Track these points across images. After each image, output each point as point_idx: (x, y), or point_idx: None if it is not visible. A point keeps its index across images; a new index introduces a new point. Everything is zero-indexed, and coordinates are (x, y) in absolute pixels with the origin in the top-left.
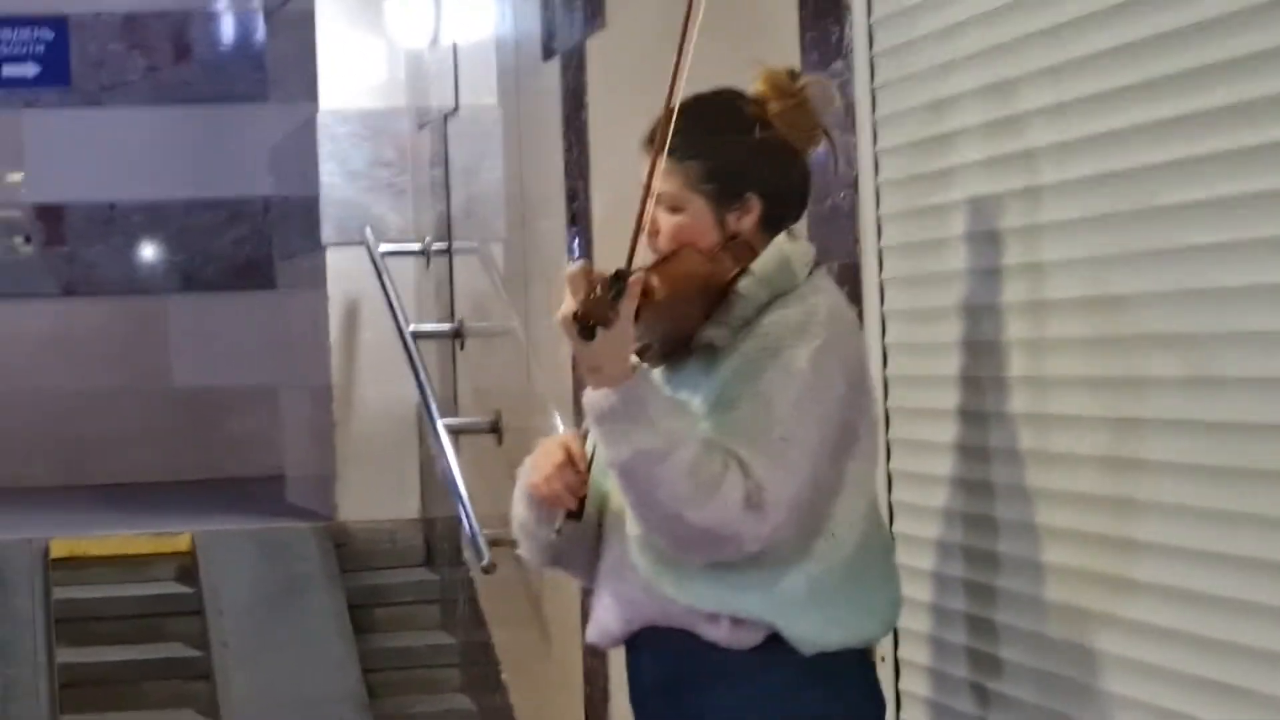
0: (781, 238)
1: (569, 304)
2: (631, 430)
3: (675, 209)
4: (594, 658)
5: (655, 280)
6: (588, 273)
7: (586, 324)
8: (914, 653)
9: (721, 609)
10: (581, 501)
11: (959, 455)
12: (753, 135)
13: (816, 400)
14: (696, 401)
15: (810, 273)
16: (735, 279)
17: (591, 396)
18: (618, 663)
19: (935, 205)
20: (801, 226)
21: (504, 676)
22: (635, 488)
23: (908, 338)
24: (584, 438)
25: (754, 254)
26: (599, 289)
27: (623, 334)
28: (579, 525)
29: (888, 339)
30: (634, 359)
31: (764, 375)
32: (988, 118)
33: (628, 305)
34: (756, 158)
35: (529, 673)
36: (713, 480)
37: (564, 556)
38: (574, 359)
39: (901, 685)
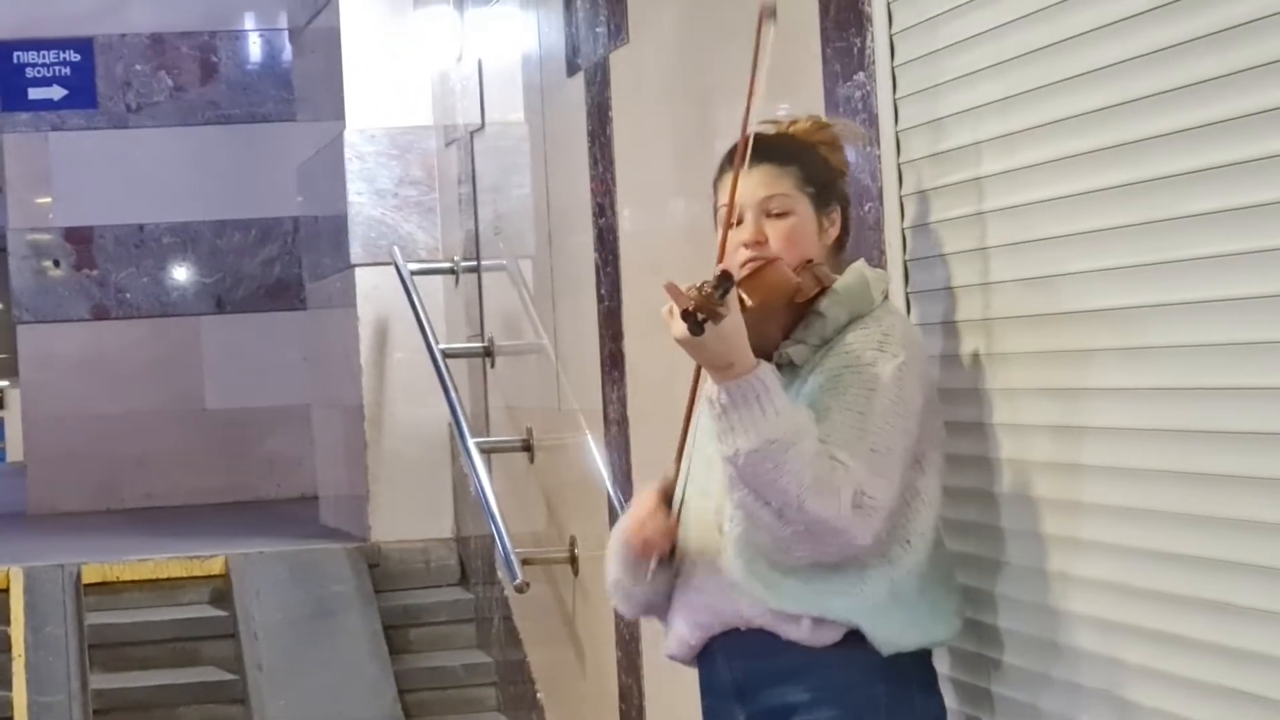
0: (861, 263)
1: (677, 314)
2: (760, 420)
3: (784, 213)
4: (629, 676)
5: (745, 288)
6: (690, 287)
7: (697, 320)
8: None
9: (809, 611)
10: (673, 548)
11: (989, 468)
12: (820, 155)
13: (900, 414)
14: None
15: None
16: (815, 298)
17: (718, 389)
18: (652, 680)
19: (959, 217)
20: None
21: (540, 695)
22: (758, 477)
23: (933, 350)
24: (671, 486)
25: (830, 277)
26: (706, 287)
27: (739, 328)
28: (668, 572)
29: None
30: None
31: (850, 390)
32: (1010, 128)
33: (734, 304)
34: (833, 171)
35: (565, 691)
36: (829, 474)
37: (655, 606)
38: (697, 361)
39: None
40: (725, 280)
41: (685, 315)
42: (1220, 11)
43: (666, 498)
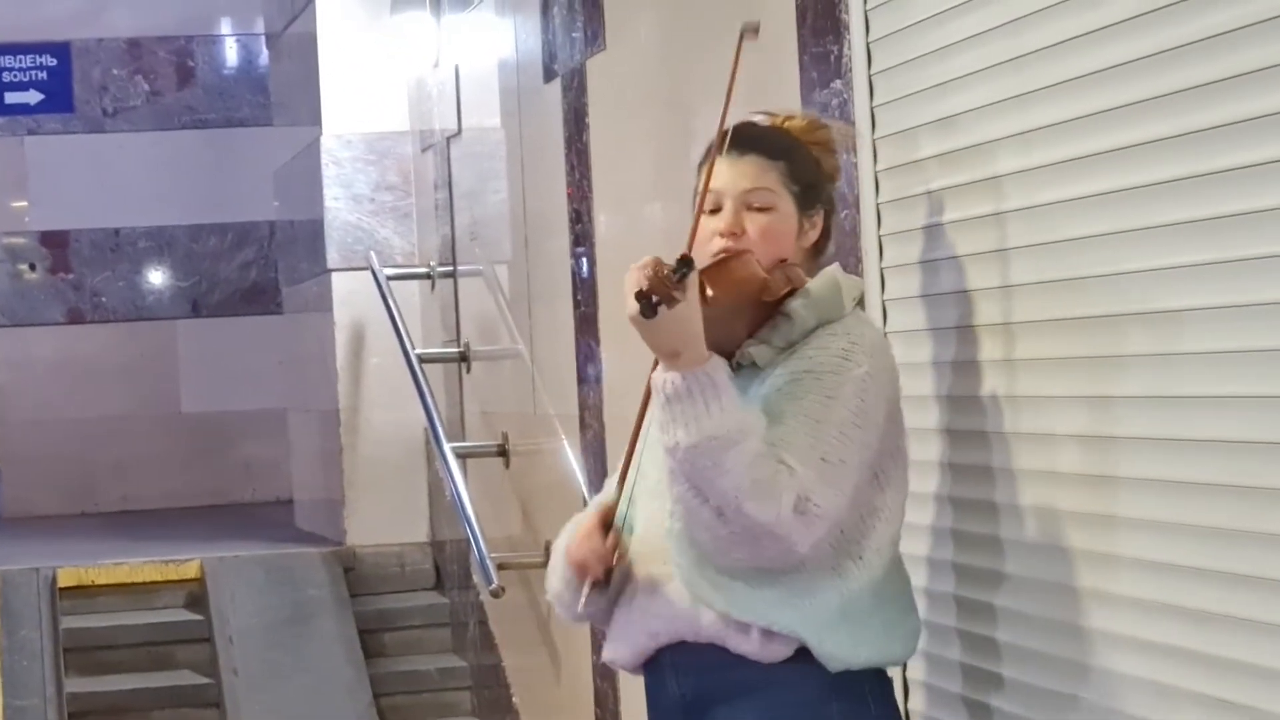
0: (835, 268)
1: (634, 285)
2: (703, 415)
3: (765, 208)
4: (604, 680)
5: (708, 278)
6: (656, 261)
7: (650, 301)
8: (918, 672)
9: (755, 619)
10: (609, 572)
11: (963, 474)
12: (812, 155)
13: (858, 427)
14: None
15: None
16: (784, 299)
17: (663, 377)
18: (628, 685)
19: (936, 224)
20: None
21: (515, 700)
22: (697, 474)
23: (910, 357)
24: (613, 507)
25: (802, 279)
26: (665, 268)
27: (693, 317)
28: (604, 593)
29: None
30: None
31: (809, 396)
32: (987, 136)
33: (692, 291)
34: (822, 173)
35: (540, 696)
36: (771, 477)
37: (596, 616)
38: (647, 345)
39: (910, 705)
40: (684, 265)
41: (639, 296)
42: (1201, 20)
43: (607, 519)
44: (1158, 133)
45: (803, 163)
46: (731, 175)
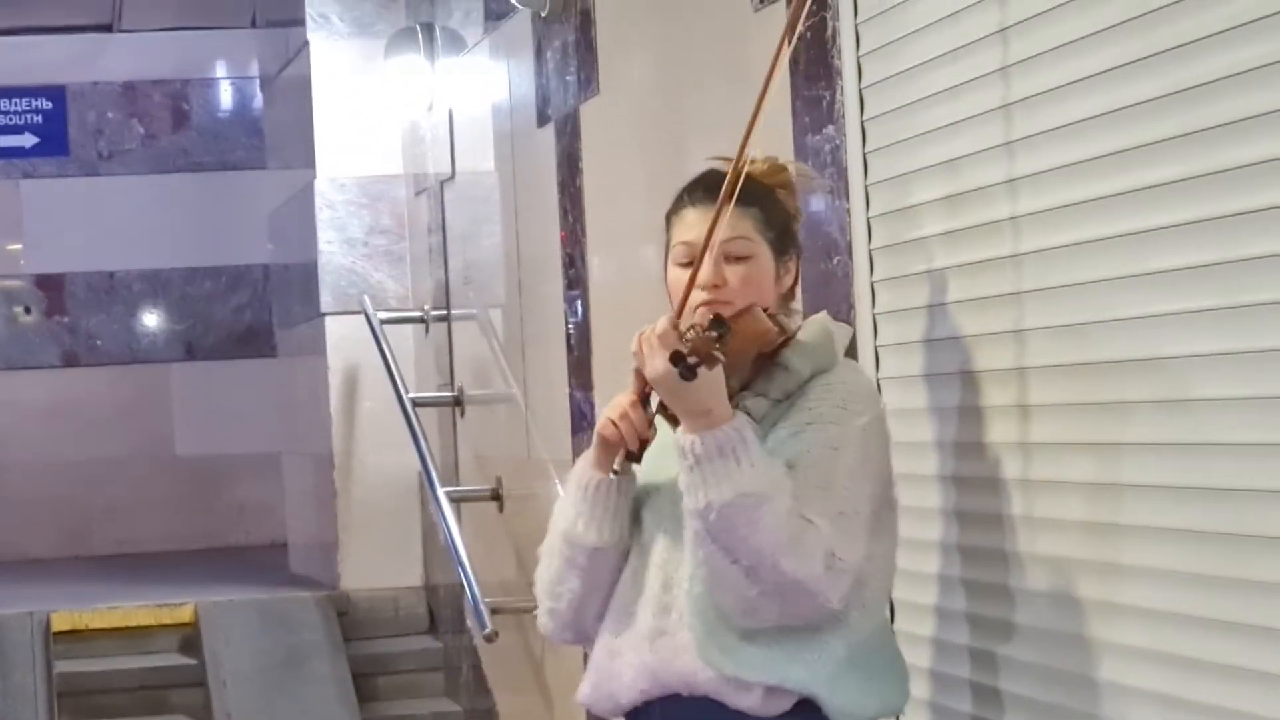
0: (824, 316)
1: (661, 351)
2: (735, 471)
3: (742, 257)
4: None
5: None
6: (675, 325)
7: (688, 364)
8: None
9: (766, 679)
10: (642, 445)
11: (954, 520)
12: (779, 198)
13: (864, 477)
14: None
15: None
16: (778, 350)
17: (692, 439)
18: None
19: (930, 270)
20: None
21: None
22: (731, 533)
23: (903, 403)
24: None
25: (791, 329)
26: (699, 330)
27: (721, 376)
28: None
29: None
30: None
31: (815, 448)
32: (981, 182)
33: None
34: (790, 216)
35: None
36: (803, 533)
37: (584, 610)
38: (671, 406)
39: None
40: (719, 324)
41: (676, 358)
42: (1199, 64)
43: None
44: (1156, 178)
45: (774, 207)
46: (706, 226)
